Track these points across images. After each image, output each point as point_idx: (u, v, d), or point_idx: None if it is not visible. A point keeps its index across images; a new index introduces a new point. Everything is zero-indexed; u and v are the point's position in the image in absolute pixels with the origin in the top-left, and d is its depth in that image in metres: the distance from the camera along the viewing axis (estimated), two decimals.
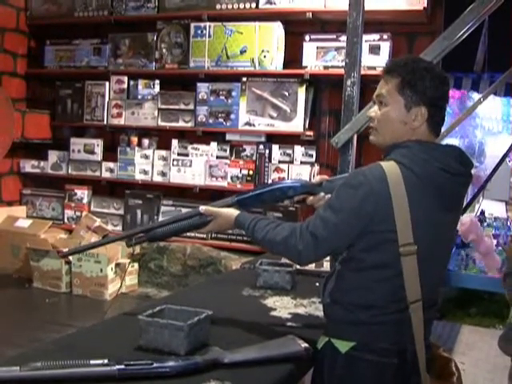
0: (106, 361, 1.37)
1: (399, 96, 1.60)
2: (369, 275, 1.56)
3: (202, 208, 1.83)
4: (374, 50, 4.33)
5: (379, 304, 1.56)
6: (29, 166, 5.61)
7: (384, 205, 1.51)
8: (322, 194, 1.86)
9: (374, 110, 1.67)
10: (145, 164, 5.17)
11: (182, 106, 5.04)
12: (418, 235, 1.52)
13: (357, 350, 1.57)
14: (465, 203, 3.90)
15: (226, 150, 4.92)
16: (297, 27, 4.69)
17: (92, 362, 1.37)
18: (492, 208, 4.79)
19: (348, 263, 1.62)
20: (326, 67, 4.53)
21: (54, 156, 5.54)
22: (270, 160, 4.77)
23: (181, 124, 5.06)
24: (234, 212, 1.81)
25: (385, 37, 4.35)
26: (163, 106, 5.09)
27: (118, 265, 4.75)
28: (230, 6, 4.76)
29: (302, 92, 4.62)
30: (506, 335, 2.49)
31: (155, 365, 1.40)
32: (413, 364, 1.57)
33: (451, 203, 1.60)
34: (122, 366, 1.37)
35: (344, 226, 1.55)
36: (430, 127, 1.61)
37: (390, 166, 1.54)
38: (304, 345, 1.59)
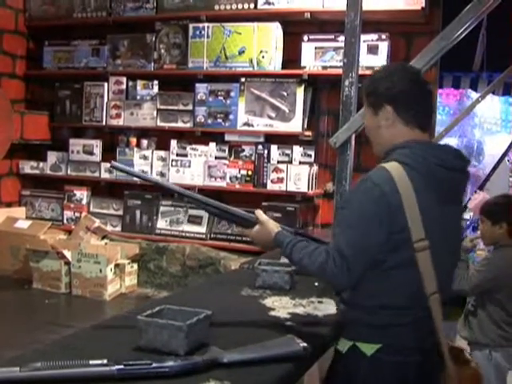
0: (105, 361, 1.37)
1: (367, 106, 1.72)
2: (390, 277, 1.59)
3: (257, 211, 1.87)
4: (373, 50, 4.33)
5: (402, 304, 1.60)
6: (28, 167, 5.61)
7: (396, 205, 1.54)
8: None
9: None
10: (144, 164, 5.16)
11: (181, 107, 5.04)
12: (428, 230, 1.56)
13: (382, 352, 1.60)
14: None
15: (224, 151, 4.92)
16: (295, 27, 4.69)
17: (91, 362, 1.37)
18: None
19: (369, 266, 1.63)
20: (324, 67, 4.53)
21: (53, 157, 5.53)
22: (268, 160, 4.76)
23: (179, 124, 5.06)
24: (276, 227, 1.80)
25: (383, 37, 4.35)
26: (162, 107, 5.08)
27: (117, 265, 4.74)
28: (228, 7, 4.76)
29: (300, 92, 4.62)
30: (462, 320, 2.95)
31: (154, 365, 1.40)
32: (433, 358, 1.62)
33: (451, 196, 1.65)
34: (121, 366, 1.37)
35: (368, 237, 1.57)
36: (405, 122, 1.66)
37: (393, 166, 1.58)
38: (303, 344, 1.59)
